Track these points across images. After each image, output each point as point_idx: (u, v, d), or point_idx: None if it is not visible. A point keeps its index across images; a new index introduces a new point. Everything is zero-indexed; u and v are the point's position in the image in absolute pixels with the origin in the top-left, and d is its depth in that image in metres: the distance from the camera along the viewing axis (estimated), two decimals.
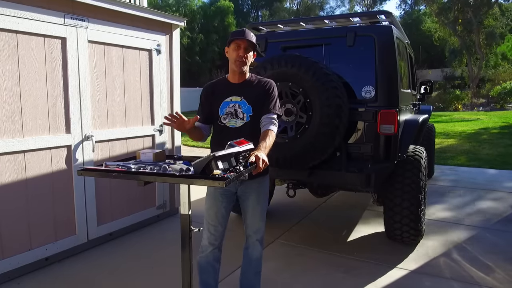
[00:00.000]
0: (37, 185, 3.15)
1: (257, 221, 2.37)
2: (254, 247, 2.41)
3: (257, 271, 2.46)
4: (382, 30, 3.50)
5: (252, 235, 2.40)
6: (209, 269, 2.36)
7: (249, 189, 2.32)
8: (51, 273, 3.16)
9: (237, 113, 2.25)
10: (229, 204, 2.36)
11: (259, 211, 2.36)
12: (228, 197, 2.33)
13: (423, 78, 16.74)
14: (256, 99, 2.26)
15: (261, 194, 2.36)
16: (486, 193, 5.41)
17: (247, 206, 2.36)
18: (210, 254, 2.34)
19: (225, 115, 2.26)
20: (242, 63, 2.22)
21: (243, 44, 2.20)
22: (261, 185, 2.36)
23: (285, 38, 3.92)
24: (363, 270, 3.19)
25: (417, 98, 5.27)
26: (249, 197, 2.33)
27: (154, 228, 4.19)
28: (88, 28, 3.44)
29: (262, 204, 2.38)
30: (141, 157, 2.19)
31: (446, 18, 26.17)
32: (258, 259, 2.44)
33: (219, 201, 2.31)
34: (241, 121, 2.25)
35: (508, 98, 20.58)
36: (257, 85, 2.32)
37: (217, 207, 2.31)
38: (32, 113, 3.08)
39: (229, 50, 2.26)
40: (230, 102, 2.27)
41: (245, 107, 2.25)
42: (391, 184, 3.47)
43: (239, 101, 2.26)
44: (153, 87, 4.18)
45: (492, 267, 3.19)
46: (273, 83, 2.36)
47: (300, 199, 4.66)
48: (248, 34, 2.21)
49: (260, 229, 2.40)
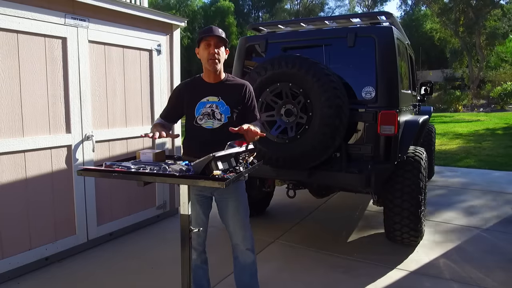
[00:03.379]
0: (37, 185, 3.15)
1: (240, 230, 2.28)
2: (245, 255, 2.33)
3: (253, 273, 2.38)
4: (382, 31, 3.49)
5: (239, 244, 2.32)
6: (198, 272, 2.37)
7: (226, 194, 2.25)
8: (50, 272, 3.16)
9: (214, 113, 2.20)
10: (207, 209, 2.32)
11: (240, 218, 2.28)
12: (204, 202, 2.29)
13: (424, 79, 16.71)
14: (235, 101, 2.23)
15: (240, 200, 2.28)
16: (486, 194, 5.41)
17: (226, 214, 2.29)
18: (197, 259, 2.34)
19: (202, 116, 2.21)
20: (215, 60, 2.17)
21: (213, 40, 2.15)
22: (238, 189, 2.28)
23: (286, 38, 3.92)
24: (363, 271, 3.19)
25: (418, 99, 5.27)
26: (228, 203, 2.27)
27: (154, 228, 4.19)
28: (88, 28, 3.44)
29: (243, 210, 2.30)
30: (141, 157, 2.18)
31: (447, 18, 26.17)
32: (251, 263, 2.36)
33: (196, 206, 2.27)
34: (218, 122, 2.20)
35: (509, 99, 20.58)
36: (235, 86, 2.28)
37: (196, 212, 2.28)
38: (32, 112, 3.08)
39: (199, 50, 2.22)
40: (207, 102, 2.22)
41: (223, 108, 2.21)
42: (391, 185, 3.46)
43: (217, 101, 2.21)
44: (153, 87, 4.18)
45: (492, 268, 3.19)
46: (249, 86, 2.32)
47: (300, 199, 4.66)
48: (216, 30, 2.17)
49: (247, 237, 2.31)
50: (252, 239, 2.36)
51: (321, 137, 3.20)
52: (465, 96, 22.04)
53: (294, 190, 3.87)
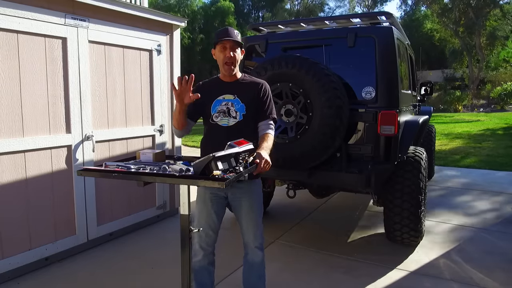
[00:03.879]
0: (37, 185, 3.15)
1: (253, 228, 2.28)
2: (254, 254, 2.32)
3: (261, 274, 2.38)
4: (382, 31, 3.49)
5: (249, 242, 2.31)
6: (204, 273, 2.34)
7: (239, 194, 2.25)
8: (50, 273, 3.16)
9: (229, 111, 2.22)
10: (220, 209, 2.30)
11: (253, 217, 2.27)
12: (217, 201, 2.28)
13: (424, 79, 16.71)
14: (250, 99, 2.24)
15: (254, 199, 2.28)
16: (486, 194, 5.41)
17: (240, 212, 2.28)
18: (204, 259, 2.32)
19: (217, 113, 2.23)
20: (230, 65, 2.19)
21: (228, 44, 2.17)
22: (252, 189, 2.27)
23: (286, 38, 3.92)
24: (363, 271, 3.19)
25: (418, 99, 5.27)
26: (241, 203, 2.26)
27: (154, 228, 4.19)
28: (88, 28, 3.44)
29: (256, 209, 2.29)
30: (141, 157, 2.19)
31: (448, 19, 26.18)
32: (260, 263, 2.35)
33: (209, 205, 2.26)
34: (234, 119, 2.21)
35: (509, 100, 20.58)
36: (251, 85, 2.29)
37: (207, 212, 2.27)
38: (33, 112, 3.08)
39: (215, 52, 2.23)
40: (222, 100, 2.24)
41: (238, 106, 2.22)
42: (391, 185, 3.46)
43: (232, 99, 2.23)
44: (153, 87, 4.18)
45: (492, 269, 3.19)
46: (266, 85, 2.32)
47: (300, 200, 4.66)
48: (232, 33, 2.17)
49: (257, 236, 2.30)
50: (262, 238, 2.35)
51: (321, 137, 3.20)
52: (465, 96, 22.04)
53: (294, 190, 3.87)
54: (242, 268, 2.44)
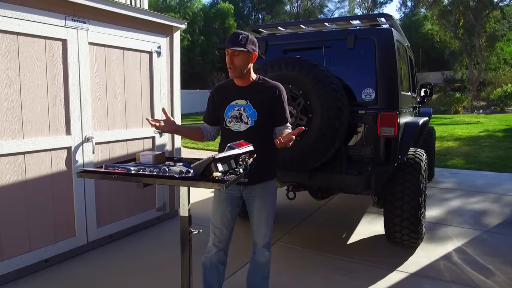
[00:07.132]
0: (37, 187, 3.15)
1: (262, 227, 2.33)
2: (260, 253, 2.37)
3: (265, 275, 2.41)
4: (382, 33, 3.50)
5: (258, 241, 2.36)
6: (213, 270, 2.36)
7: (253, 194, 2.30)
8: (50, 275, 3.15)
9: (241, 117, 2.23)
10: (234, 208, 2.34)
11: (264, 216, 2.32)
12: (232, 201, 2.32)
13: (424, 80, 16.76)
14: (262, 104, 2.24)
15: (266, 199, 2.32)
16: (486, 196, 5.41)
17: (252, 211, 2.34)
18: (214, 256, 2.35)
19: (230, 119, 2.26)
20: (232, 69, 2.20)
21: (229, 50, 2.18)
22: (266, 189, 2.32)
23: (286, 40, 3.93)
24: (363, 273, 3.18)
25: (417, 101, 5.28)
26: (254, 202, 2.31)
27: (154, 230, 4.19)
28: (89, 30, 3.45)
29: (268, 209, 2.33)
30: (141, 159, 2.19)
31: (447, 21, 26.21)
32: (265, 264, 2.39)
33: (223, 204, 2.31)
34: (245, 125, 2.23)
35: (509, 101, 20.57)
36: (264, 89, 2.28)
37: (222, 210, 2.31)
38: (33, 114, 3.08)
39: None
40: (235, 105, 2.26)
41: (250, 111, 2.23)
42: (391, 187, 3.46)
43: (245, 104, 2.25)
44: (153, 89, 4.19)
45: (492, 270, 3.19)
46: (281, 88, 2.31)
47: (300, 201, 4.65)
48: (232, 39, 2.15)
49: (266, 235, 2.35)
50: (270, 239, 2.39)
51: (321, 138, 3.20)
52: (465, 98, 22.03)
53: (294, 192, 3.87)
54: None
